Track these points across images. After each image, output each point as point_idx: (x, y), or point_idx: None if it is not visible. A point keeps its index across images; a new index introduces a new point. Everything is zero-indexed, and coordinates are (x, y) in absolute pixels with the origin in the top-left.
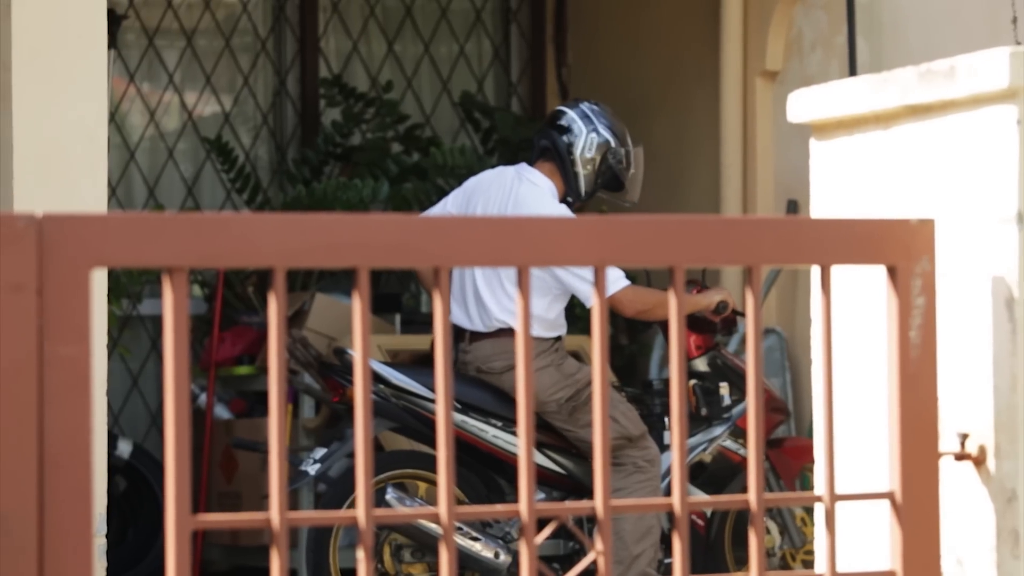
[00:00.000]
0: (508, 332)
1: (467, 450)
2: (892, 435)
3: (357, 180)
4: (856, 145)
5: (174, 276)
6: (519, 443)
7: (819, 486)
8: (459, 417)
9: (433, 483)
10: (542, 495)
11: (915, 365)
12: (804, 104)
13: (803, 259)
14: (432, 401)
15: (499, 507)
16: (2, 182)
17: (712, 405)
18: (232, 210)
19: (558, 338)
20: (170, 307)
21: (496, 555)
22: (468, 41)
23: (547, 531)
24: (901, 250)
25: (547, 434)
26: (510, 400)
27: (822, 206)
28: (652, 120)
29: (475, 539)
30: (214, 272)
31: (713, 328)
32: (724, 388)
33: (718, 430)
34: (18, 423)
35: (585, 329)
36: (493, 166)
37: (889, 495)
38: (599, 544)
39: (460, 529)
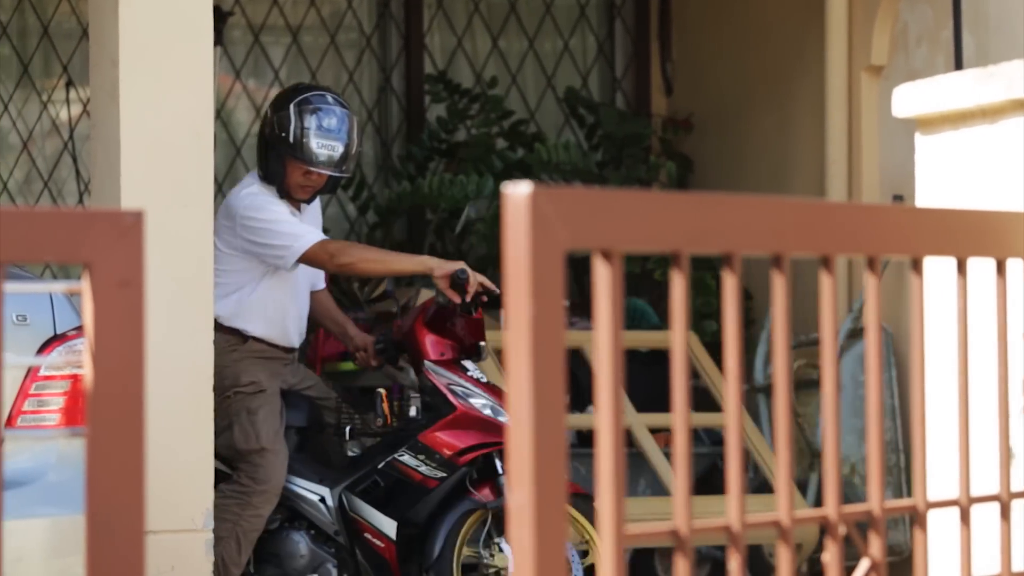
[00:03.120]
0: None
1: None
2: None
3: (462, 176)
4: (962, 139)
5: (612, 259)
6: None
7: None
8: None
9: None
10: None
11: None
12: (909, 98)
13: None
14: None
15: (807, 511)
16: (110, 178)
17: (401, 418)
18: (337, 208)
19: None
20: (606, 290)
21: None
22: (572, 36)
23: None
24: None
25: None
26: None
27: (927, 201)
28: (757, 115)
29: None
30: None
31: (480, 329)
32: (416, 401)
33: (396, 446)
34: (127, 416)
35: (690, 325)
36: (598, 162)
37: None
38: (874, 550)
39: None
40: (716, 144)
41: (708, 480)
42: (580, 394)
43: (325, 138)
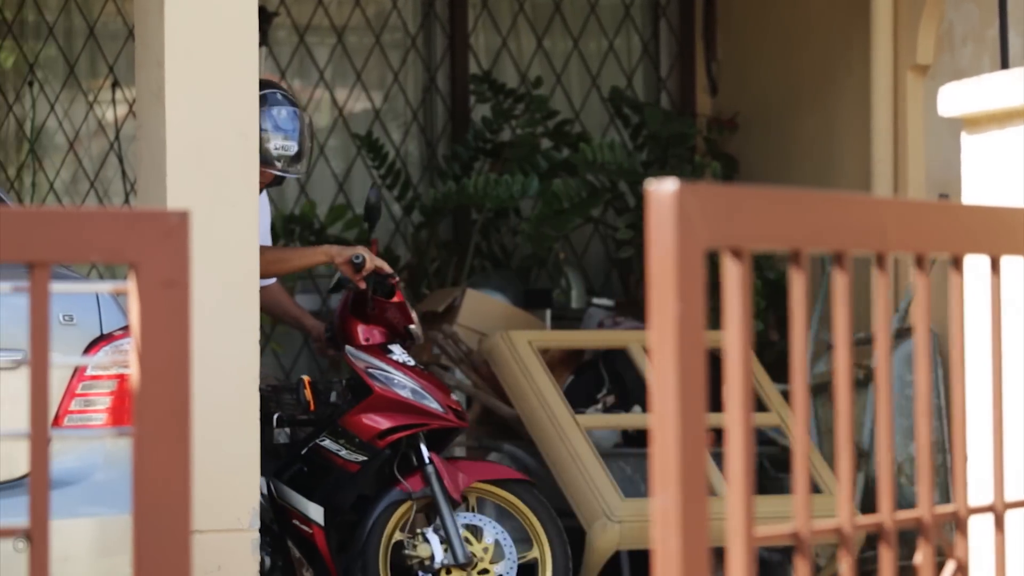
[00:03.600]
0: None
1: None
2: None
3: (507, 176)
4: (1008, 138)
5: (742, 257)
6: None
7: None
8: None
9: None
10: None
11: None
12: (955, 98)
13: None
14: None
15: (905, 513)
16: (156, 178)
17: (321, 404)
18: (382, 207)
19: None
20: (736, 289)
21: None
22: (617, 36)
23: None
24: None
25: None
26: None
27: (974, 200)
28: (802, 115)
29: None
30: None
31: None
32: (337, 386)
33: (319, 432)
34: (173, 415)
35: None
36: (643, 162)
37: None
38: (959, 551)
39: None
40: (761, 144)
41: (754, 479)
42: (626, 394)
43: (281, 138)
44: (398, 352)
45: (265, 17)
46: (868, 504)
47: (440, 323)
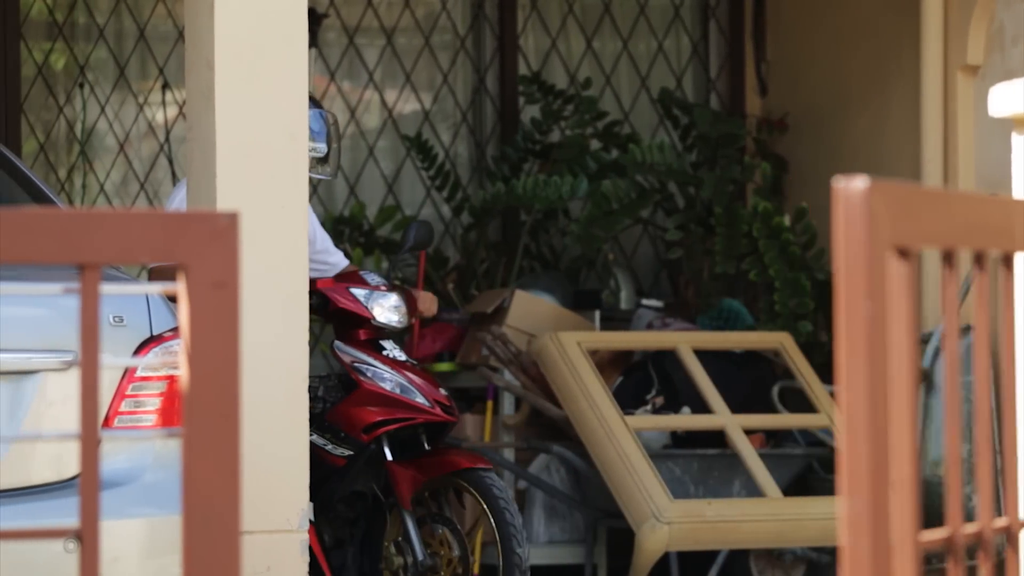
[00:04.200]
0: None
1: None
2: None
3: (556, 177)
4: None
5: (910, 257)
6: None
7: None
8: None
9: None
10: None
11: None
12: (1006, 98)
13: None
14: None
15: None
16: (206, 179)
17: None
18: (432, 208)
19: None
20: (904, 289)
21: None
22: (667, 37)
23: None
24: None
25: None
26: None
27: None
28: (852, 115)
29: None
30: (414, 270)
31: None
32: (326, 381)
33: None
34: (223, 416)
35: (784, 326)
36: (692, 163)
37: None
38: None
39: None
40: (811, 144)
41: (803, 481)
42: (675, 395)
43: (309, 140)
44: (390, 347)
45: (315, 18)
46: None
47: (489, 324)
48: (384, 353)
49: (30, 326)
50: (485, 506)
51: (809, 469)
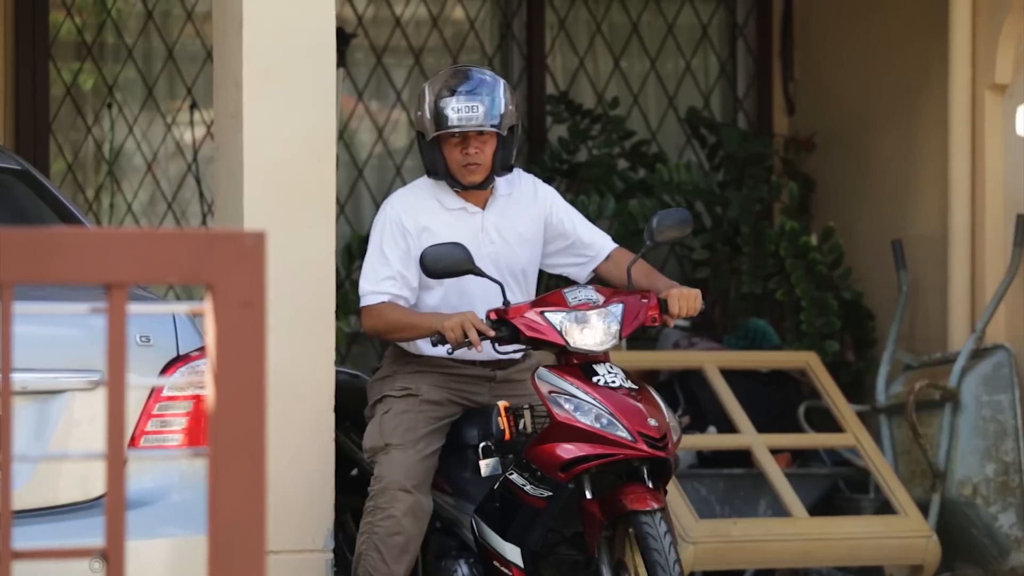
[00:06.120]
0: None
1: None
2: None
3: (583, 196)
4: None
5: None
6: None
7: None
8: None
9: None
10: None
11: None
12: None
13: None
14: None
15: None
16: (233, 199)
17: (516, 432)
18: None
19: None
20: None
21: None
22: (694, 57)
23: None
24: None
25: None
26: None
27: None
28: (880, 134)
29: None
30: None
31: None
32: (528, 412)
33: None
34: (249, 436)
35: (811, 345)
36: (719, 182)
37: None
38: None
39: None
40: (839, 164)
41: (829, 500)
42: (701, 415)
43: (460, 100)
44: (604, 371)
45: (343, 38)
46: (944, 525)
47: None
48: (595, 379)
49: (57, 346)
50: (641, 555)
51: (835, 488)
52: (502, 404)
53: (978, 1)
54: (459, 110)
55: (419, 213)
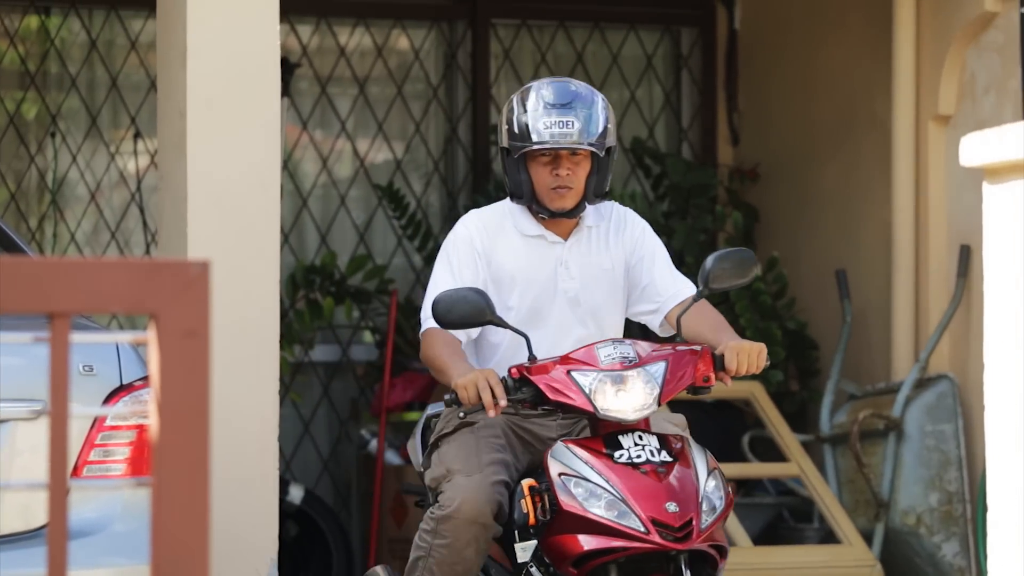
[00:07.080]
0: None
1: None
2: None
3: None
4: None
5: None
6: None
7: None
8: None
9: None
10: None
11: None
12: (977, 148)
13: None
14: None
15: None
16: (177, 229)
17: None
18: (403, 258)
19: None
20: None
21: None
22: (639, 87)
23: None
24: None
25: None
26: None
27: (996, 251)
28: (824, 164)
29: None
30: (385, 319)
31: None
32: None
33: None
34: (192, 466)
35: (755, 375)
36: (664, 212)
37: None
38: None
39: None
40: (783, 194)
41: (773, 530)
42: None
43: (552, 114)
44: (630, 444)
45: (287, 68)
46: (888, 554)
47: None
48: (618, 454)
49: None
50: None
51: (779, 518)
52: (526, 484)
53: (921, 32)
54: (551, 125)
55: (493, 236)
